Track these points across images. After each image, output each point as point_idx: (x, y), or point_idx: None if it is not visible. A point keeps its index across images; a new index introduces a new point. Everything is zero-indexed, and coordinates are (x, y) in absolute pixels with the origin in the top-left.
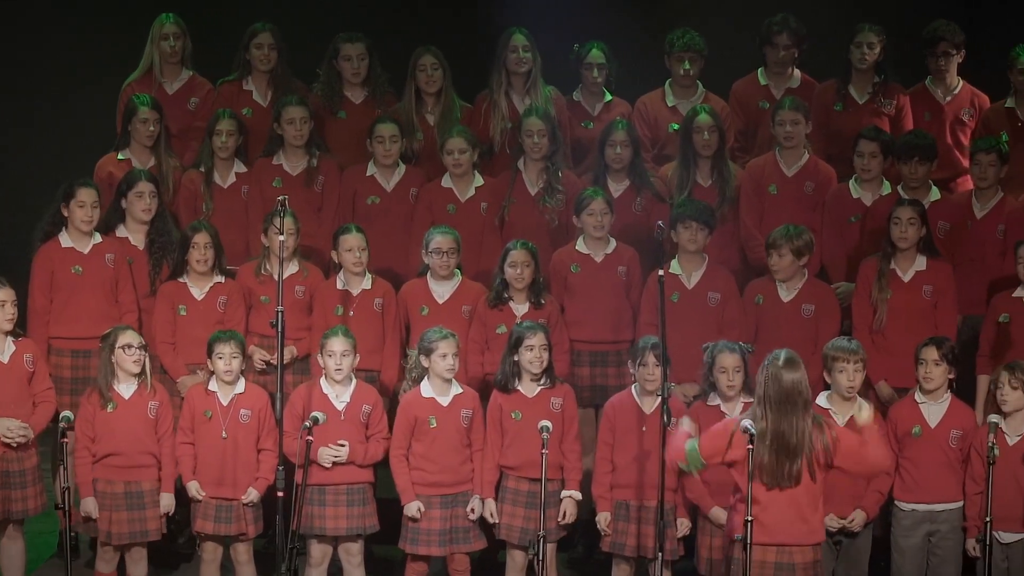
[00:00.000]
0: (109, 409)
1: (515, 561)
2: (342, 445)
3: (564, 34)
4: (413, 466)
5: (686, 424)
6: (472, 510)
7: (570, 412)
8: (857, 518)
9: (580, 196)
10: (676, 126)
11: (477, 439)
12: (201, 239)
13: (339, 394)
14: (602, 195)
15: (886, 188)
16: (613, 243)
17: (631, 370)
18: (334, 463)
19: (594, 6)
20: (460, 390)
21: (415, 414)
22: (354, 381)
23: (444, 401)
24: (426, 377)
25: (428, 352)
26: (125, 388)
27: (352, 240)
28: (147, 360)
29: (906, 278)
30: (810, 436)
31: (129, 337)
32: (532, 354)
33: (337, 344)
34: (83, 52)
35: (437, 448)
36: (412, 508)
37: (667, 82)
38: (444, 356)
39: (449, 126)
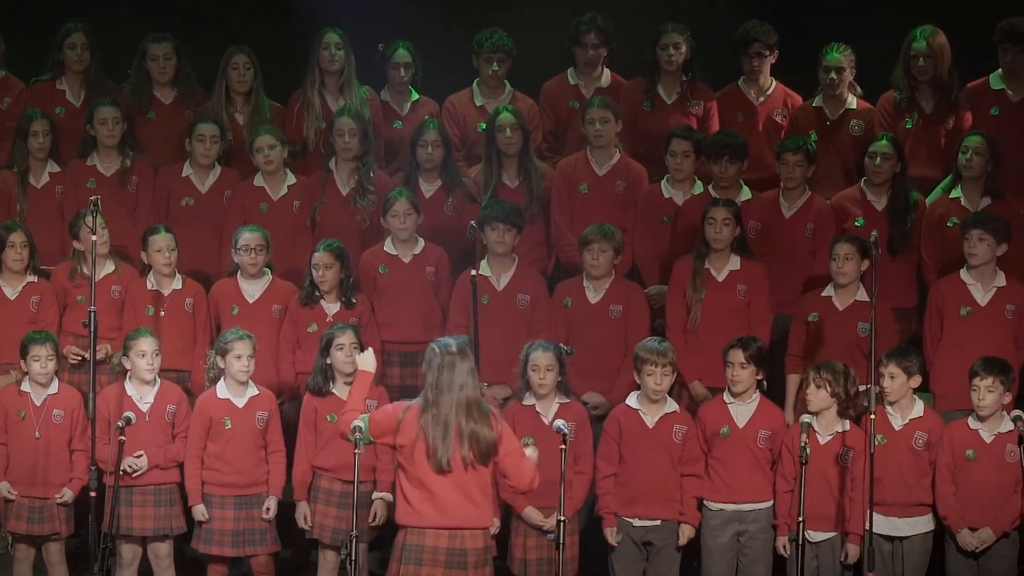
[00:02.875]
0: None
1: (327, 561)
2: (139, 456)
3: (378, 34)
4: (207, 466)
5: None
6: (267, 510)
7: None
8: (684, 531)
9: (386, 197)
10: (484, 126)
11: (272, 441)
12: (17, 238)
13: (143, 395)
14: (406, 196)
15: (698, 188)
16: (421, 243)
17: None
18: (135, 472)
19: (405, 5)
20: (256, 391)
21: (210, 415)
22: (159, 382)
23: (239, 402)
24: (222, 378)
25: (224, 353)
26: None
27: (161, 241)
28: None
29: (720, 278)
30: (474, 424)
31: None
32: (343, 353)
33: (147, 344)
34: None
35: (231, 449)
36: (198, 511)
37: (475, 82)
38: (239, 357)
39: (259, 126)
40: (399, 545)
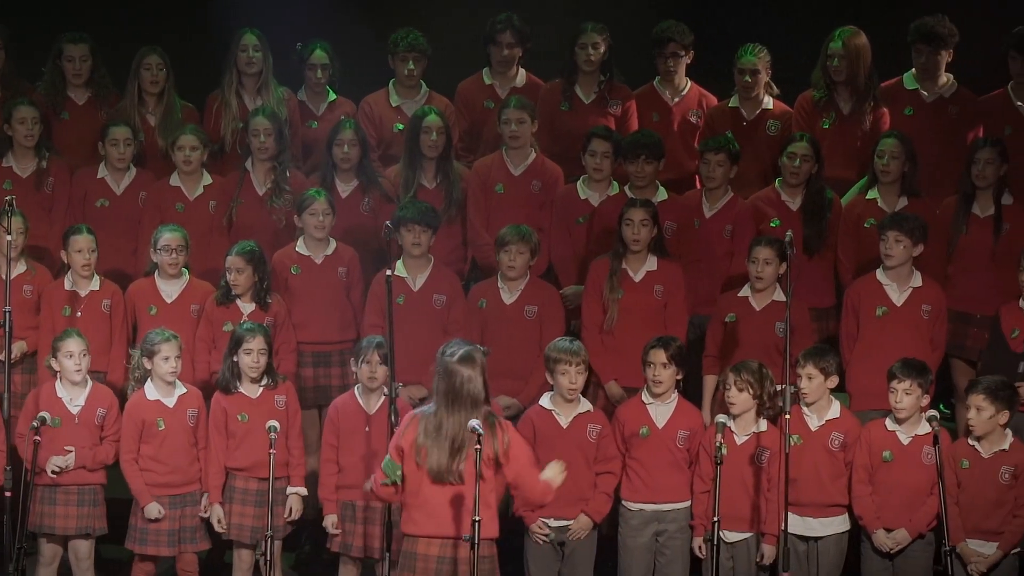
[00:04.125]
0: None
1: (242, 560)
2: (69, 451)
3: (296, 34)
4: (142, 467)
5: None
6: (206, 508)
7: (292, 408)
8: (581, 522)
9: (302, 196)
10: (401, 126)
11: (203, 437)
12: None
13: (73, 397)
14: (325, 196)
15: (614, 188)
16: (333, 244)
17: (353, 369)
18: (61, 470)
19: (322, 6)
20: (184, 390)
21: (142, 417)
22: (89, 384)
23: (170, 403)
24: (149, 379)
25: (151, 355)
26: None
27: (82, 241)
28: None
29: (637, 278)
30: (480, 435)
31: None
32: (250, 358)
33: (74, 344)
34: None
35: (166, 449)
36: (152, 510)
37: (391, 82)
38: (167, 359)
39: (171, 127)
40: (399, 552)
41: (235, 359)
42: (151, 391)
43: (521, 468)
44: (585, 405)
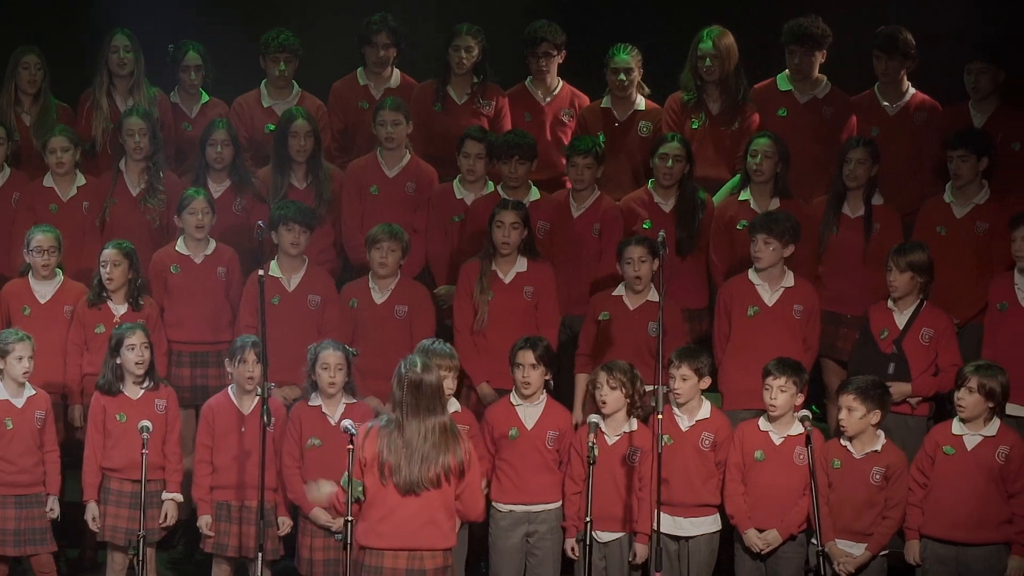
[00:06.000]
0: None
1: (115, 562)
2: None
3: (169, 35)
4: None
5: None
6: (52, 510)
7: (173, 414)
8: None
9: (182, 196)
10: (272, 127)
11: (47, 440)
12: None
13: None
14: (204, 195)
15: (489, 188)
16: (213, 244)
17: (229, 369)
18: None
19: (194, 7)
20: (33, 391)
21: None
22: None
23: (18, 403)
24: (0, 379)
25: (4, 354)
26: None
27: None
28: None
29: (507, 279)
30: (443, 446)
31: None
32: (134, 353)
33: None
34: None
35: (13, 449)
36: None
37: (263, 82)
38: (20, 359)
39: (47, 127)
40: (359, 566)
41: (117, 360)
42: (0, 391)
43: (472, 480)
44: (454, 406)
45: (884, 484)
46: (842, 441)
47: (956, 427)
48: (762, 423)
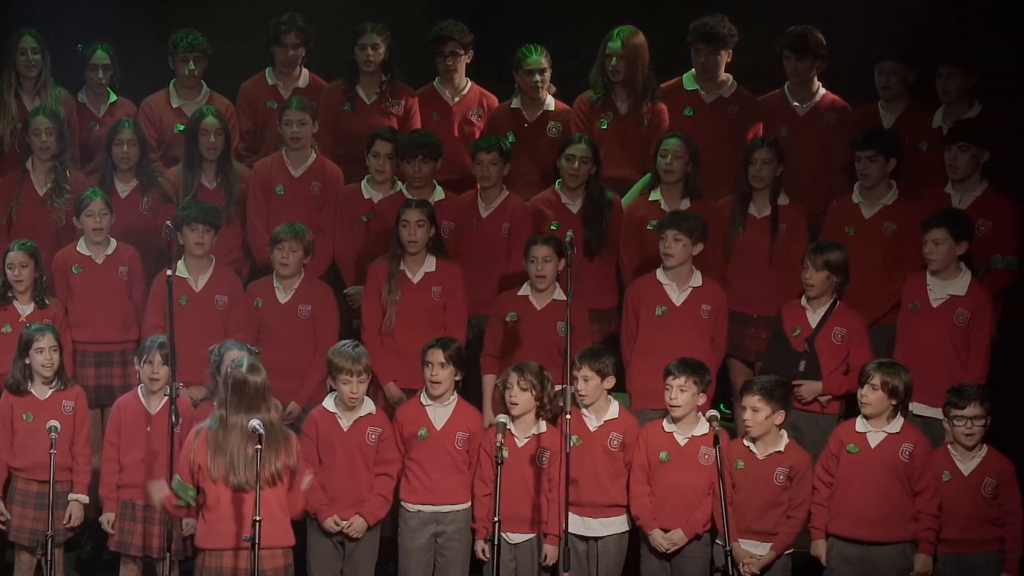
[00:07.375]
0: None
1: (22, 562)
2: None
3: (77, 34)
4: None
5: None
6: None
7: (81, 415)
8: (355, 523)
9: (79, 197)
10: (181, 127)
11: None
12: None
13: None
14: (101, 196)
15: (396, 187)
16: (114, 243)
17: (136, 368)
18: None
19: (103, 6)
20: None
21: None
22: None
23: None
24: None
25: None
26: None
27: None
28: None
29: (415, 279)
30: (270, 444)
31: None
32: (43, 356)
33: None
34: None
35: None
36: None
37: (172, 82)
38: None
39: None
40: (199, 568)
41: (26, 360)
42: None
43: (297, 481)
44: (368, 407)
45: (788, 484)
46: (745, 442)
47: (860, 424)
48: (666, 424)
